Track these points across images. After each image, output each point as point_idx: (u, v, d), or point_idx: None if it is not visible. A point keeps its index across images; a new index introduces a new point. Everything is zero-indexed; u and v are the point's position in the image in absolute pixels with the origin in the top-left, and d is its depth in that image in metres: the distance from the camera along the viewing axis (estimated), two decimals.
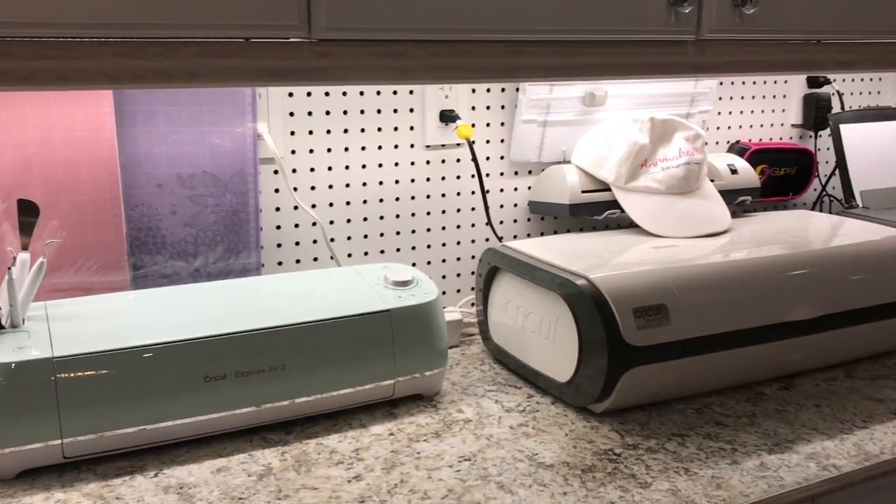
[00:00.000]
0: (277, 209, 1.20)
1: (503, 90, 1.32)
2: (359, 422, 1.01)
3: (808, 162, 1.57)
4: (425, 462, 0.92)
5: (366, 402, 1.04)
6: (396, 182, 1.27)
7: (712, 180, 1.35)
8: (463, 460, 0.92)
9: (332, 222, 1.24)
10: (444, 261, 1.33)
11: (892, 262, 1.17)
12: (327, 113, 1.20)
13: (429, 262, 1.32)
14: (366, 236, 1.26)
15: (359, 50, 0.82)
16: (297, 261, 1.23)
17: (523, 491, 0.86)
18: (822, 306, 1.10)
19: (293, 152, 1.19)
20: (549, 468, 0.90)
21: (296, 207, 1.20)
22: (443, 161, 1.30)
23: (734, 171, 1.38)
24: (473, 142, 1.32)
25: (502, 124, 1.33)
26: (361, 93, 1.22)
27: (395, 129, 1.26)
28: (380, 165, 1.25)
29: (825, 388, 1.11)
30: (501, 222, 1.37)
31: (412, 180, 1.28)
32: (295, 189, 1.20)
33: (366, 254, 1.27)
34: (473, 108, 1.31)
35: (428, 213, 1.30)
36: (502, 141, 1.34)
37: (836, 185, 1.58)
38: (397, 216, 1.28)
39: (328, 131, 1.21)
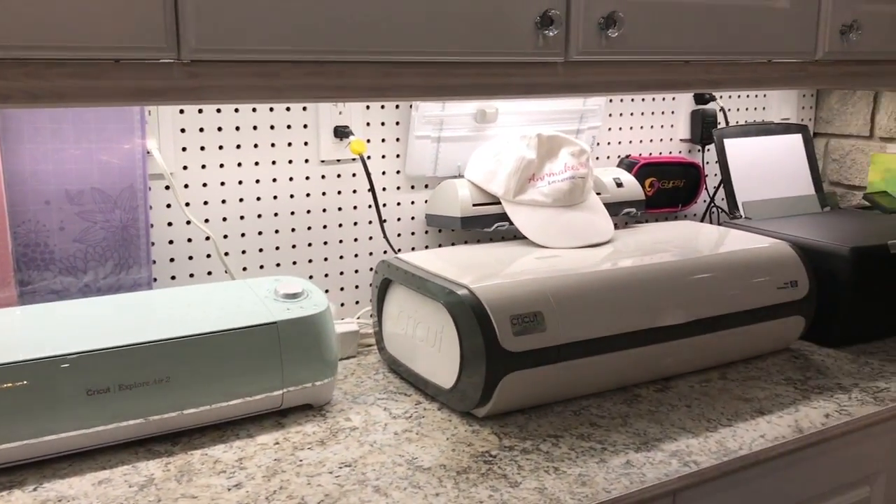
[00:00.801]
0: (170, 224, 1.21)
1: (397, 107, 1.36)
2: (246, 432, 1.04)
3: (696, 175, 1.65)
4: (307, 469, 0.94)
5: (254, 412, 1.06)
6: (291, 196, 1.30)
7: (599, 193, 1.41)
8: (344, 466, 0.95)
9: (226, 237, 1.26)
10: (341, 273, 1.36)
11: (761, 270, 1.25)
12: (219, 129, 1.22)
13: (326, 275, 1.35)
14: (261, 250, 1.29)
15: (230, 70, 0.85)
16: (191, 275, 1.24)
17: (398, 493, 0.89)
18: (692, 312, 1.17)
19: (185, 168, 1.21)
20: (426, 471, 0.94)
21: (188, 222, 1.21)
22: (338, 175, 1.33)
23: (620, 185, 1.44)
24: (369, 157, 1.35)
25: (398, 140, 1.37)
26: (254, 109, 1.25)
27: (290, 144, 1.28)
28: (274, 180, 1.28)
29: (699, 389, 1.18)
30: (399, 235, 1.41)
31: (307, 195, 1.31)
32: (187, 204, 1.22)
33: (261, 267, 1.29)
34: (368, 123, 1.34)
35: (324, 227, 1.33)
36: (398, 156, 1.38)
37: (723, 196, 1.66)
38: (293, 230, 1.31)
39: (220, 147, 1.23)
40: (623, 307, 1.12)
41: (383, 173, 1.37)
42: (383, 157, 1.37)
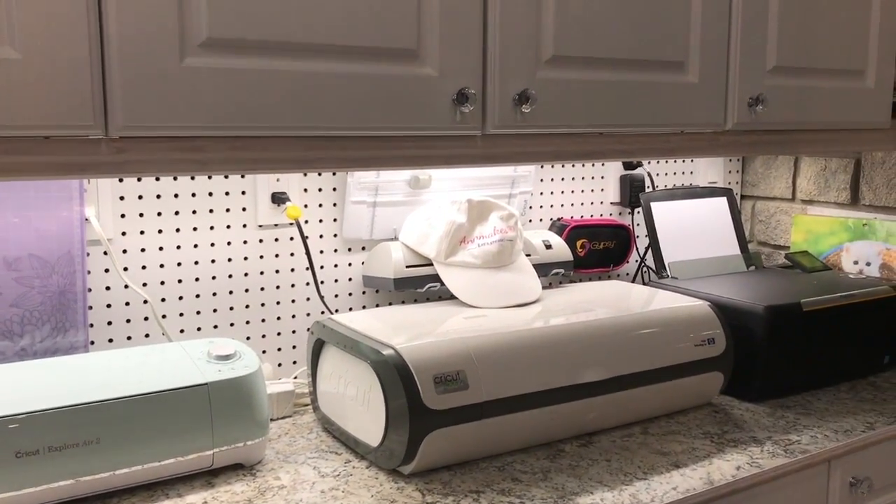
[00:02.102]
0: (108, 288, 1.25)
1: (334, 173, 1.42)
2: (176, 492, 1.06)
3: (626, 236, 1.72)
4: None
5: (185, 472, 1.08)
6: (229, 260, 1.34)
7: (529, 255, 1.48)
8: None
9: (163, 300, 1.29)
10: (279, 334, 1.40)
11: (680, 328, 1.31)
12: (158, 196, 1.27)
13: (263, 336, 1.39)
14: (198, 312, 1.32)
15: (156, 145, 0.90)
16: (129, 338, 1.27)
17: None
18: (613, 368, 1.22)
19: (124, 234, 1.25)
20: None
21: (126, 286, 1.25)
22: (276, 239, 1.38)
23: (549, 247, 1.51)
24: (307, 221, 1.40)
25: (334, 205, 1.43)
26: (192, 177, 1.30)
27: (228, 210, 1.33)
28: (212, 245, 1.32)
29: (620, 443, 1.22)
30: (336, 296, 1.45)
31: (245, 258, 1.36)
32: (125, 269, 1.25)
33: (199, 329, 1.33)
34: (306, 189, 1.40)
35: (262, 289, 1.38)
36: (335, 220, 1.43)
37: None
38: (230, 292, 1.35)
39: (159, 213, 1.27)
40: (546, 364, 1.17)
41: (321, 237, 1.43)
42: (321, 221, 1.42)
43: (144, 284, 1.27)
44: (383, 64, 1.01)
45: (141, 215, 1.26)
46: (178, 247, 1.30)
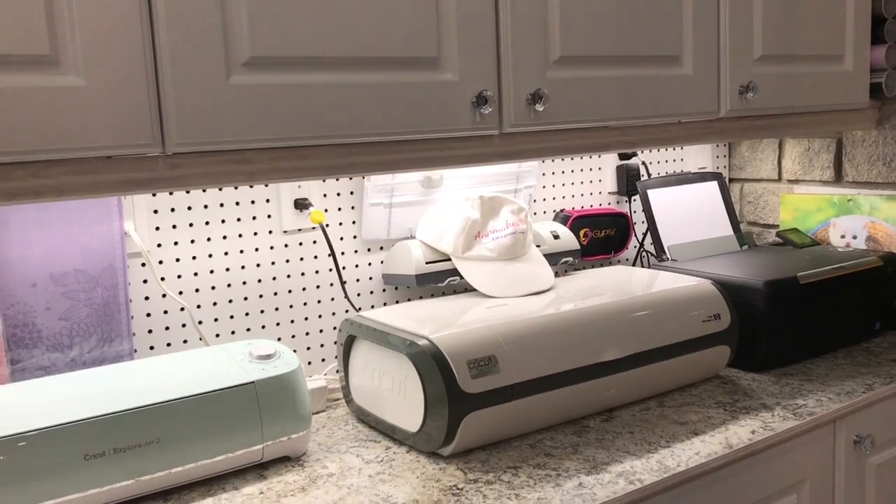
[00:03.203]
0: (147, 298, 1.31)
1: (350, 178, 1.49)
2: (232, 485, 1.12)
3: (625, 224, 1.80)
4: None
5: (237, 467, 1.15)
6: (258, 265, 1.41)
7: (538, 246, 1.55)
8: None
9: (199, 306, 1.35)
10: (307, 333, 1.47)
11: (687, 306, 1.39)
12: (189, 208, 1.33)
13: (293, 336, 1.45)
14: (232, 317, 1.39)
15: (208, 159, 0.96)
16: (168, 344, 1.33)
17: None
18: (629, 347, 1.30)
19: (159, 245, 1.31)
20: None
21: (164, 295, 1.31)
22: (300, 244, 1.45)
23: (556, 237, 1.59)
24: (328, 225, 1.47)
25: (353, 208, 1.50)
26: (220, 188, 1.36)
27: (254, 218, 1.40)
28: (241, 252, 1.39)
29: (640, 416, 1.30)
30: (359, 294, 1.52)
31: (272, 263, 1.42)
32: (162, 279, 1.31)
33: (233, 333, 1.39)
34: (325, 195, 1.46)
35: (289, 292, 1.44)
36: (354, 222, 1.50)
37: (651, 241, 1.82)
38: (260, 296, 1.41)
39: (191, 224, 1.34)
40: (568, 346, 1.25)
41: (341, 239, 1.49)
42: (340, 224, 1.49)
43: (181, 293, 1.33)
44: (408, 72, 1.08)
45: (174, 227, 1.32)
46: (210, 255, 1.36)
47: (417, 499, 1.06)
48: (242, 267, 1.39)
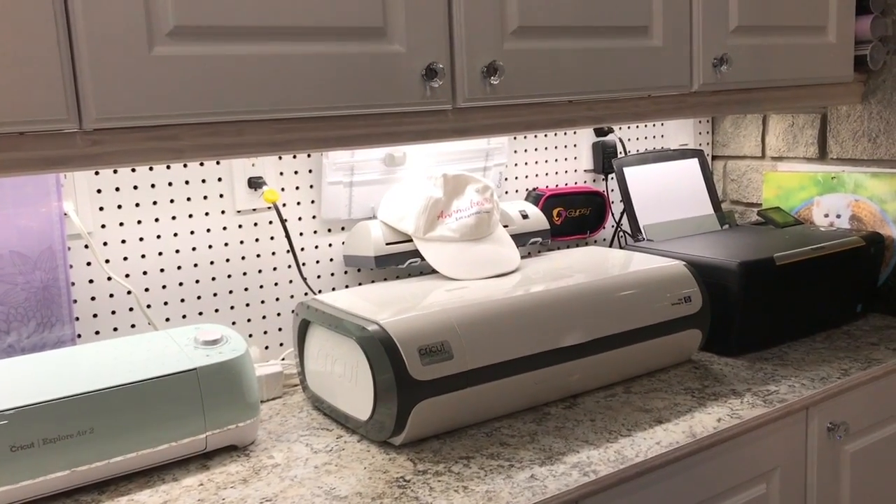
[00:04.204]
0: (91, 281, 1.26)
1: (309, 155, 1.43)
2: (172, 476, 1.08)
3: (601, 203, 1.75)
4: None
5: (179, 457, 1.10)
6: (210, 247, 1.35)
7: (506, 226, 1.50)
8: (265, 502, 1.00)
9: (147, 290, 1.30)
10: (264, 317, 1.42)
11: (656, 288, 1.34)
12: (135, 188, 1.28)
13: (249, 320, 1.40)
14: (182, 300, 1.34)
15: (131, 136, 0.91)
16: (115, 329, 1.28)
17: None
18: (593, 331, 1.25)
19: (103, 226, 1.26)
20: (343, 500, 0.99)
21: (109, 278, 1.26)
22: (255, 224, 1.39)
23: (525, 217, 1.53)
24: (284, 204, 1.42)
25: (311, 186, 1.44)
26: (168, 166, 1.31)
27: (205, 197, 1.34)
28: (192, 232, 1.33)
29: (604, 403, 1.26)
30: (319, 276, 1.47)
31: (225, 244, 1.37)
32: (107, 261, 1.26)
33: (184, 317, 1.34)
34: (281, 173, 1.41)
35: (244, 274, 1.39)
36: (313, 202, 1.45)
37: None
38: (213, 279, 1.36)
39: (137, 204, 1.28)
40: (528, 330, 1.19)
41: (299, 219, 1.44)
42: (298, 203, 1.43)
43: (127, 276, 1.29)
44: (350, 43, 1.03)
45: (119, 207, 1.27)
46: (158, 236, 1.31)
47: (361, 491, 1.01)
48: (193, 248, 1.34)
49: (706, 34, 1.36)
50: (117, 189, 1.27)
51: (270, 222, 1.41)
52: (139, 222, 1.29)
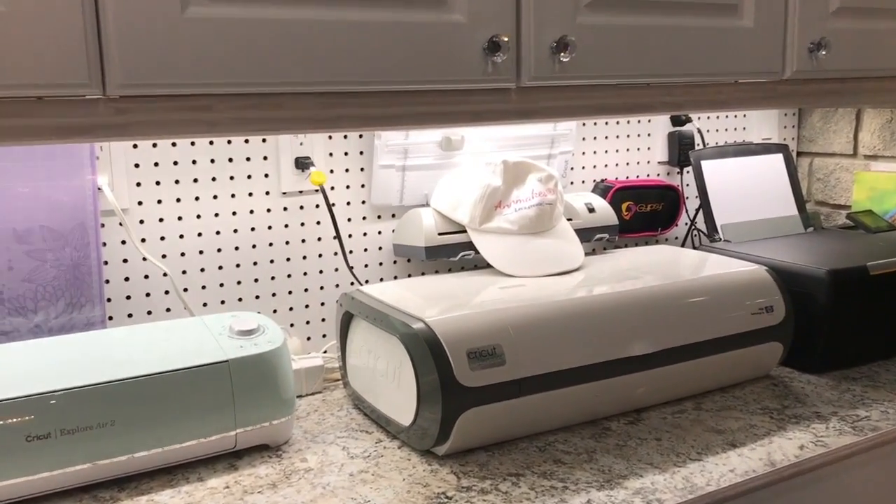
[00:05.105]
0: (125, 261, 1.19)
1: (360, 136, 1.34)
2: (197, 475, 1.00)
3: (674, 198, 1.61)
4: None
5: (206, 454, 1.02)
6: (252, 230, 1.27)
7: (569, 219, 1.38)
8: None
9: (184, 272, 1.23)
10: (307, 306, 1.34)
11: (735, 295, 1.21)
12: (175, 163, 1.20)
13: (291, 308, 1.32)
14: (221, 285, 1.26)
15: (160, 105, 0.83)
16: (149, 312, 1.22)
17: None
18: (663, 340, 1.13)
19: (140, 203, 1.19)
20: None
21: (144, 259, 1.19)
22: (301, 207, 1.31)
23: (592, 210, 1.41)
24: (332, 187, 1.33)
25: (362, 169, 1.35)
26: (211, 142, 1.23)
27: (249, 177, 1.26)
28: (234, 213, 1.26)
29: (671, 421, 1.14)
30: (366, 266, 1.38)
31: (269, 227, 1.29)
32: (143, 240, 1.19)
33: (223, 303, 1.26)
34: (331, 154, 1.32)
35: (287, 259, 1.31)
36: (363, 186, 1.36)
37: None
38: (255, 263, 1.28)
39: (177, 181, 1.21)
40: (590, 337, 1.08)
41: (348, 203, 1.35)
42: (347, 187, 1.34)
43: (164, 256, 1.21)
44: (407, 10, 0.92)
45: (158, 183, 1.20)
46: (199, 216, 1.23)
47: None
48: (235, 231, 1.26)
49: (803, 15, 1.22)
50: (156, 164, 1.20)
51: (317, 206, 1.32)
52: (178, 200, 1.22)
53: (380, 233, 1.38)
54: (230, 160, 1.24)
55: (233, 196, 1.25)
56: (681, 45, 1.12)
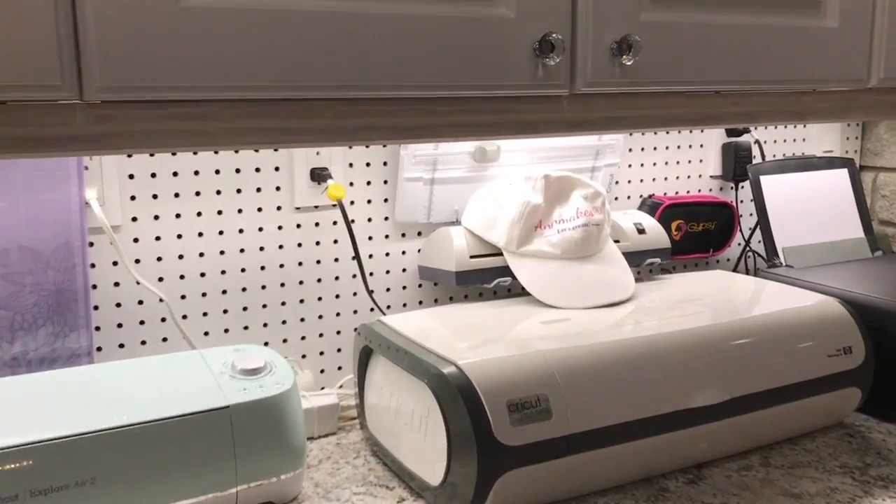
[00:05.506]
0: (117, 284, 1.05)
1: (384, 145, 1.20)
2: None
3: (728, 216, 1.46)
4: None
5: None
6: (261, 249, 1.13)
7: (617, 241, 1.23)
8: None
9: (184, 297, 1.09)
10: (321, 335, 1.19)
11: (808, 334, 1.06)
12: (174, 174, 1.06)
13: (303, 338, 1.18)
14: (226, 311, 1.12)
15: (150, 112, 0.68)
16: (143, 342, 1.08)
17: None
18: (729, 388, 0.98)
19: (134, 219, 1.05)
20: None
21: (139, 282, 1.05)
22: (316, 224, 1.17)
23: (642, 231, 1.26)
24: (352, 202, 1.18)
25: (385, 182, 1.21)
26: (216, 151, 1.09)
27: (258, 190, 1.12)
28: (241, 231, 1.12)
29: (737, 480, 0.99)
30: (388, 289, 1.23)
31: (280, 247, 1.14)
32: (137, 261, 1.05)
33: (226, 331, 1.12)
34: (351, 164, 1.18)
35: (300, 283, 1.16)
36: (386, 200, 1.21)
37: (760, 239, 1.47)
38: (263, 287, 1.14)
39: (176, 195, 1.07)
40: (649, 385, 0.94)
41: (369, 220, 1.21)
42: (369, 202, 1.20)
43: (161, 279, 1.07)
44: (444, 4, 0.78)
45: (155, 197, 1.06)
46: (200, 234, 1.09)
47: None
48: (241, 250, 1.12)
49: (894, 14, 1.07)
50: (153, 175, 1.06)
51: (335, 223, 1.18)
52: (178, 216, 1.08)
53: (404, 253, 1.24)
54: (237, 171, 1.10)
55: (240, 211, 1.11)
56: (756, 46, 0.97)
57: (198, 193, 1.08)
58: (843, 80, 1.06)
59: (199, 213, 1.09)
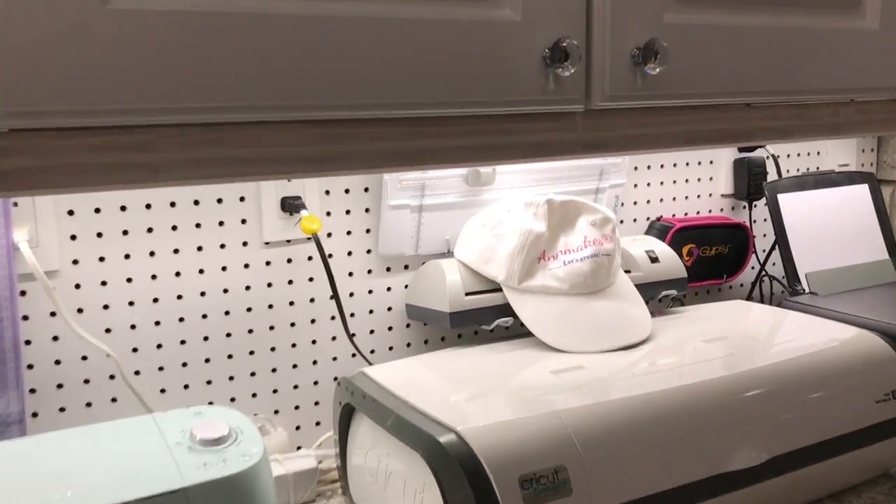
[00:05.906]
0: (55, 339, 0.90)
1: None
2: None
3: (743, 238, 1.33)
4: None
5: None
6: (225, 291, 0.99)
7: (628, 271, 1.10)
8: None
9: (135, 350, 0.94)
10: (296, 387, 1.05)
11: (852, 377, 0.93)
12: (122, 209, 0.92)
13: (275, 391, 1.04)
14: (184, 364, 0.97)
15: (72, 143, 0.54)
16: (88, 404, 0.93)
17: None
18: (772, 446, 0.85)
19: (75, 262, 0.90)
20: None
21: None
22: (289, 260, 1.03)
23: (654, 260, 1.13)
24: (329, 234, 1.05)
25: (367, 210, 1.07)
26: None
27: (221, 223, 0.98)
28: (201, 272, 0.97)
29: None
30: (372, 332, 1.09)
31: (247, 287, 1.00)
32: (80, 311, 0.91)
33: (186, 387, 0.98)
34: (327, 192, 1.04)
35: (271, 328, 1.02)
36: (368, 231, 1.07)
37: (776, 261, 1.35)
38: (228, 335, 1.00)
39: (125, 232, 0.92)
40: (682, 448, 0.80)
41: (349, 254, 1.07)
42: (349, 233, 1.06)
43: (108, 330, 0.93)
44: (436, 4, 0.64)
45: (99, 235, 0.91)
46: (154, 276, 0.95)
47: None
48: (202, 294, 0.98)
49: None
50: (97, 211, 0.91)
51: (310, 258, 1.04)
52: (127, 257, 0.93)
53: (389, 290, 1.10)
54: (196, 203, 0.96)
55: (199, 249, 0.97)
56: (791, 51, 0.85)
57: (150, 230, 0.94)
58: (882, 88, 0.94)
59: (151, 253, 0.94)
